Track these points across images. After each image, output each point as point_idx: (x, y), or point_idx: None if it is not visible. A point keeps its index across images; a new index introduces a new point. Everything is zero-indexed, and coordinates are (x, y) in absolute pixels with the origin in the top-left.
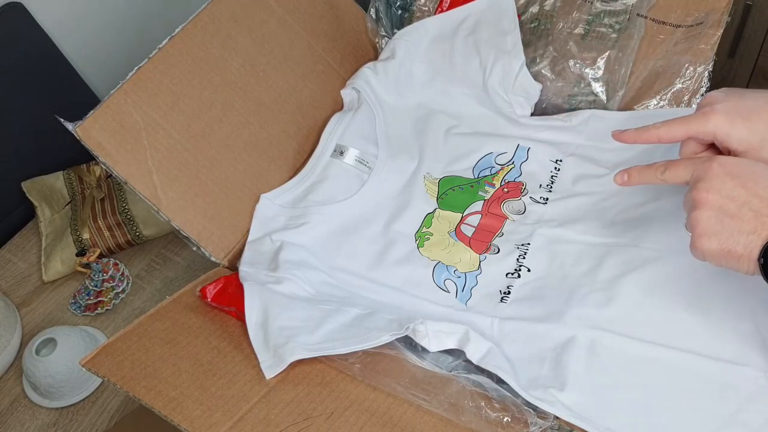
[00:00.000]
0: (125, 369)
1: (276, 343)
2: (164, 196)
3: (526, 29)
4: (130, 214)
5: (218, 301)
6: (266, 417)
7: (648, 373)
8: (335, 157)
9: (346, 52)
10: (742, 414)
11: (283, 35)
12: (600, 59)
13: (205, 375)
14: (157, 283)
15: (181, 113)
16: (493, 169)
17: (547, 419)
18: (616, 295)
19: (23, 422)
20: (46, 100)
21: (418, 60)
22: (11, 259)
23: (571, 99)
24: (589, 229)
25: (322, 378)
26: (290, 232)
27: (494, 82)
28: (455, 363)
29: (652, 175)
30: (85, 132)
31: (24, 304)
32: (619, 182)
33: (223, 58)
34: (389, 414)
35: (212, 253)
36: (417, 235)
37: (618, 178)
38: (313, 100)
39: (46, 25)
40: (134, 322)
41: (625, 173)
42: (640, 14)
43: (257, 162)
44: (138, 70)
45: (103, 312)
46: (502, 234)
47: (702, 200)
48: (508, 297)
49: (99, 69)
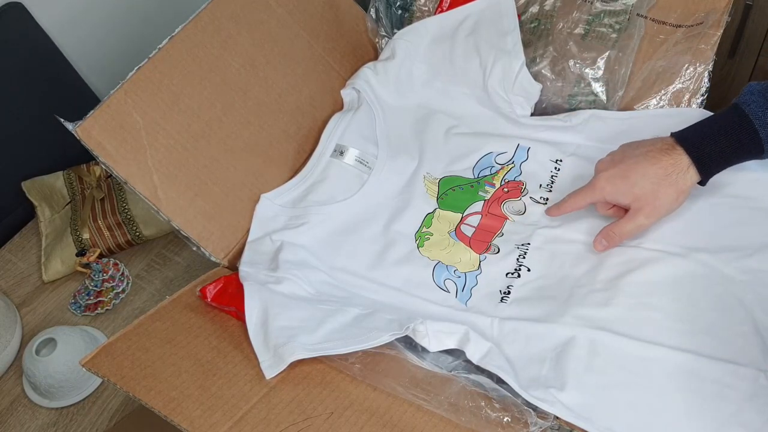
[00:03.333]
0: (125, 369)
1: (276, 343)
2: (164, 196)
3: (526, 29)
4: (130, 214)
5: (218, 301)
6: (266, 417)
7: (648, 373)
8: (335, 157)
9: (346, 52)
10: (742, 414)
11: (283, 35)
12: (600, 59)
13: (205, 375)
14: (157, 283)
15: (181, 113)
16: (493, 168)
17: (547, 419)
18: (616, 295)
19: (23, 422)
20: (46, 100)
21: (418, 60)
22: (11, 259)
23: (571, 99)
24: (590, 229)
25: (322, 378)
26: (290, 232)
27: (494, 82)
28: (455, 363)
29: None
30: (85, 132)
31: (24, 304)
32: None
33: (223, 58)
34: (389, 414)
35: (212, 253)
36: (417, 235)
37: (597, 246)
38: (313, 100)
39: (46, 25)
40: (134, 322)
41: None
42: (640, 14)
43: (257, 162)
44: (138, 70)
45: (103, 312)
46: (502, 234)
47: None
48: (508, 297)
49: (99, 69)
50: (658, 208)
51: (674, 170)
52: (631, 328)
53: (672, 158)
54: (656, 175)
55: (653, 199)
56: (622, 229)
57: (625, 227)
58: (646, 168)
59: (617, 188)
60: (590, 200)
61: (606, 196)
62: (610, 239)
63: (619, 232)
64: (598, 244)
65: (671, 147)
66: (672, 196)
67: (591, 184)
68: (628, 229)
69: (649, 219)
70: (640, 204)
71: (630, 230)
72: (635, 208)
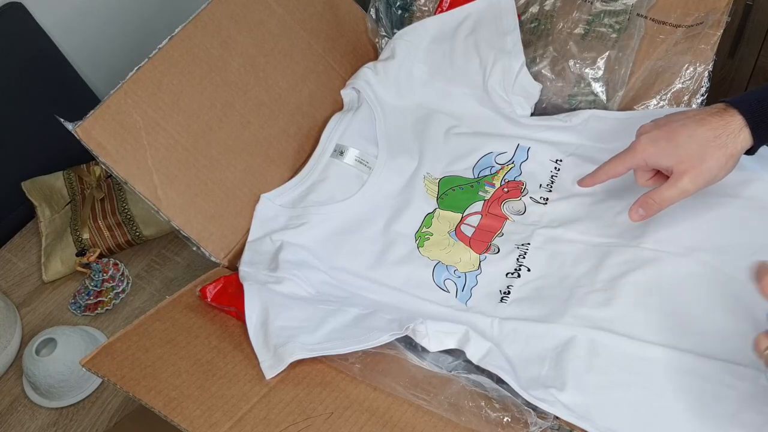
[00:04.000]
0: (125, 369)
1: (276, 343)
2: (164, 196)
3: (526, 29)
4: (130, 214)
5: (218, 301)
6: (266, 417)
7: (648, 373)
8: (335, 157)
9: (346, 52)
10: (742, 414)
11: (283, 35)
12: (600, 59)
13: (205, 375)
14: (157, 283)
15: (181, 113)
16: (492, 168)
17: (547, 419)
18: (616, 295)
19: (23, 422)
20: (46, 100)
21: (418, 60)
22: (11, 259)
23: (571, 99)
24: (589, 229)
25: (322, 378)
26: (290, 232)
27: (494, 82)
28: (455, 363)
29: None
30: (85, 132)
31: (24, 304)
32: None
33: (223, 58)
34: (389, 414)
35: (212, 253)
36: (417, 235)
37: (633, 215)
38: (313, 100)
39: (46, 25)
40: (134, 322)
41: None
42: (640, 14)
43: (257, 162)
44: (138, 70)
45: (103, 312)
46: (502, 234)
47: None
48: (508, 297)
49: (99, 69)
50: (704, 172)
51: (724, 132)
52: (631, 328)
53: (723, 119)
54: (704, 136)
55: (699, 162)
56: (663, 195)
57: (666, 193)
58: (694, 128)
59: (660, 149)
60: (629, 164)
61: (647, 159)
62: (648, 207)
63: (659, 199)
64: (633, 213)
65: (722, 109)
66: (720, 161)
67: (631, 147)
68: (670, 194)
69: (694, 184)
70: (685, 167)
71: (672, 196)
72: (679, 172)
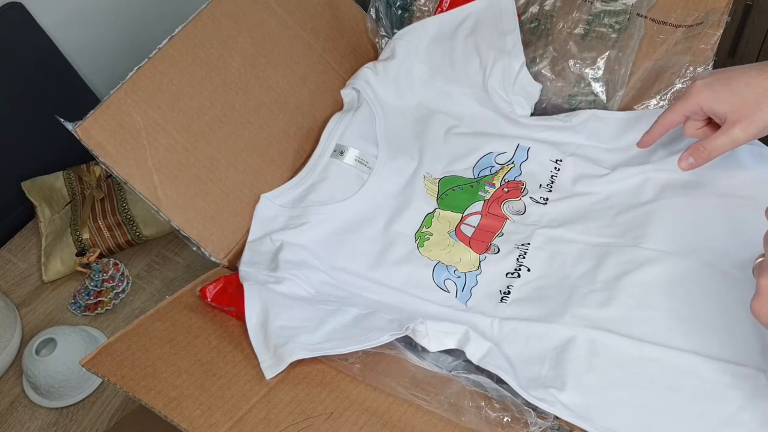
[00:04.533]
0: (125, 369)
1: (276, 343)
2: (164, 196)
3: (526, 29)
4: (130, 214)
5: (218, 301)
6: (266, 417)
7: (648, 373)
8: (335, 157)
9: (346, 52)
10: (742, 414)
11: (283, 35)
12: (600, 59)
13: (205, 375)
14: (157, 283)
15: (181, 113)
16: (492, 168)
17: (547, 419)
18: (616, 295)
19: (23, 422)
20: (46, 100)
21: (418, 60)
22: (11, 259)
23: (571, 99)
24: (589, 229)
25: (322, 378)
26: (290, 232)
27: (494, 82)
28: (455, 363)
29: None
30: (85, 132)
31: (24, 304)
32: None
33: (223, 58)
34: (389, 414)
35: (212, 253)
36: (417, 235)
37: (683, 163)
38: (313, 100)
39: (46, 25)
40: (134, 322)
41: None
42: (640, 14)
43: (257, 162)
44: (138, 70)
45: (103, 312)
46: (502, 234)
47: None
48: (508, 297)
49: (99, 69)
50: (757, 121)
51: None
52: (631, 328)
53: None
54: (762, 85)
55: (754, 110)
56: (714, 143)
57: (717, 141)
58: (752, 77)
59: (716, 94)
60: (684, 110)
61: (701, 102)
62: (698, 155)
63: (710, 147)
64: (683, 162)
65: None
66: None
67: (686, 92)
68: (721, 143)
69: (746, 132)
70: (738, 115)
71: (722, 144)
72: (732, 120)
